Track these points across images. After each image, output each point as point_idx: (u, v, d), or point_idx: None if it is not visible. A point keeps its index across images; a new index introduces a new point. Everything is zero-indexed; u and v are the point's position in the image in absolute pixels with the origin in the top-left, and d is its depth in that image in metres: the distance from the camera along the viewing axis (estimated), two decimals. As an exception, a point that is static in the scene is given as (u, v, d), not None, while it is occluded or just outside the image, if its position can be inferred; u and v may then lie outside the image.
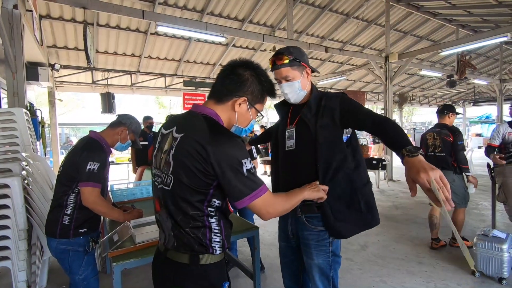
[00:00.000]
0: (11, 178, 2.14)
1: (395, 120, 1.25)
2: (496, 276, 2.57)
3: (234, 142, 0.93)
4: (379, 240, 3.55)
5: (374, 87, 13.83)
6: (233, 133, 0.99)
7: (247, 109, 1.05)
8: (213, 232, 0.98)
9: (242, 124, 1.07)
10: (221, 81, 1.04)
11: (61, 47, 6.80)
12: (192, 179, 0.92)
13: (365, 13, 8.08)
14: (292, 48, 1.40)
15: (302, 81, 1.40)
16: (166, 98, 21.19)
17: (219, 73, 1.06)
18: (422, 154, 1.01)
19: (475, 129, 21.26)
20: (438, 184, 0.92)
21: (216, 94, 1.05)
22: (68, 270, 1.71)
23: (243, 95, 1.02)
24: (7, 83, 2.97)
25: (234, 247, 3.03)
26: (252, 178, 0.93)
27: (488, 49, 11.51)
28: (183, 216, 0.97)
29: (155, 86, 9.30)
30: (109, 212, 1.74)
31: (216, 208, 0.98)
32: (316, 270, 1.41)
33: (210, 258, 0.98)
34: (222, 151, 0.90)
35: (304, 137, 1.42)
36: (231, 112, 1.04)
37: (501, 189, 3.20)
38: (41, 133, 3.81)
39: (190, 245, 0.97)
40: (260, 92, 1.06)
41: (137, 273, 2.83)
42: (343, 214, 1.36)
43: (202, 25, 4.95)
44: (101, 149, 1.73)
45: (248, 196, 0.92)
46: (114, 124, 1.89)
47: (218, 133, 0.94)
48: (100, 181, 1.67)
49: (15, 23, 2.91)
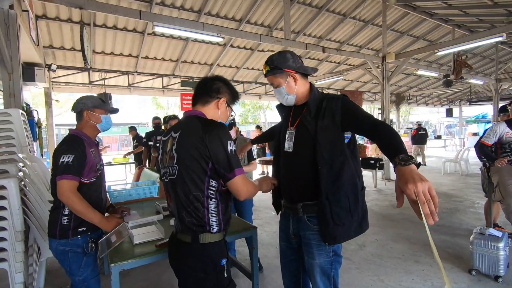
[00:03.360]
0: (7, 180, 2.13)
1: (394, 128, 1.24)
2: (492, 274, 2.59)
3: (221, 128, 1.20)
4: (376, 240, 3.56)
5: (371, 87, 13.88)
6: (218, 122, 1.27)
7: (226, 107, 1.36)
8: (211, 213, 1.18)
9: (223, 120, 1.36)
10: (204, 89, 1.34)
11: (57, 47, 6.76)
12: (193, 163, 1.16)
13: (362, 14, 8.11)
14: (276, 56, 1.45)
15: (286, 86, 1.44)
16: (164, 99, 21.11)
17: (199, 84, 1.36)
18: (416, 164, 1.00)
19: (472, 128, 21.40)
20: (425, 197, 0.90)
21: (201, 98, 1.33)
22: (68, 271, 1.70)
23: (223, 96, 1.34)
24: (3, 84, 2.95)
25: (232, 247, 3.04)
26: (235, 158, 1.18)
27: (484, 49, 11.59)
28: (186, 198, 1.18)
29: (152, 86, 9.27)
30: (85, 212, 1.58)
31: (215, 190, 1.19)
32: (318, 270, 1.41)
33: (209, 237, 1.19)
34: (213, 134, 1.16)
35: (303, 139, 1.42)
36: (215, 110, 1.33)
37: (498, 188, 3.21)
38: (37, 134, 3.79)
39: (191, 226, 1.19)
40: (232, 95, 1.38)
41: (136, 274, 2.82)
42: (342, 219, 1.34)
43: (200, 26, 4.95)
44: (77, 141, 1.65)
45: (234, 170, 1.15)
46: (77, 117, 1.78)
47: (208, 123, 1.22)
48: (78, 174, 1.59)
49: (11, 24, 2.89)
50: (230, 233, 1.84)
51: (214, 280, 1.17)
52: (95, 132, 1.80)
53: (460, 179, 7.62)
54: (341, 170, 1.34)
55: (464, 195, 5.73)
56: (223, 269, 1.18)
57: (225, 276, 1.18)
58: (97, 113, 1.77)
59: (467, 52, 10.14)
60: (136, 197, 2.77)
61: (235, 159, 1.18)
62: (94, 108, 1.76)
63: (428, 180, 0.93)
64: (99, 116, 1.78)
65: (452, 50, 7.60)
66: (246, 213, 2.96)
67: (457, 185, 6.90)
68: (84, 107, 1.75)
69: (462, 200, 5.40)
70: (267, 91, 11.35)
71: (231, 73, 9.73)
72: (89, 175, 1.68)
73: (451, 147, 16.97)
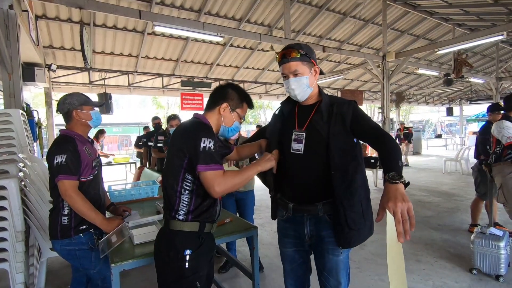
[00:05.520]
0: (8, 180, 2.13)
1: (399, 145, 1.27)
2: (493, 273, 2.59)
3: (201, 127, 1.28)
4: (377, 239, 3.54)
5: (372, 86, 13.86)
6: (203, 123, 1.32)
7: (230, 112, 1.40)
8: (182, 203, 1.27)
9: (227, 124, 1.42)
10: (212, 96, 1.43)
11: (57, 47, 6.76)
12: (174, 157, 1.28)
13: (362, 12, 8.10)
14: (303, 45, 1.41)
15: (310, 77, 1.39)
16: (164, 98, 21.14)
17: (212, 92, 1.44)
18: (405, 184, 1.07)
19: (472, 127, 21.36)
20: (402, 217, 0.96)
21: (208, 105, 1.43)
22: (81, 268, 1.72)
23: (226, 102, 1.39)
24: (3, 84, 2.95)
25: (233, 247, 3.04)
26: (208, 153, 1.21)
27: (485, 47, 11.57)
28: (166, 188, 1.32)
29: (152, 86, 9.26)
30: (87, 212, 1.59)
31: (190, 183, 1.26)
32: (342, 265, 1.41)
33: (179, 225, 1.26)
34: (192, 131, 1.27)
35: (314, 143, 1.37)
36: (218, 115, 1.40)
37: (501, 189, 3.08)
38: (38, 134, 3.79)
39: (165, 212, 1.33)
40: (239, 100, 1.42)
41: (136, 275, 2.82)
42: (357, 224, 1.34)
43: (200, 25, 4.94)
44: (68, 141, 1.64)
45: (202, 165, 1.19)
46: (66, 118, 1.73)
47: (192, 123, 1.33)
48: (75, 173, 1.59)
49: (11, 24, 2.89)
50: (230, 233, 1.85)
51: (174, 267, 1.24)
52: (86, 129, 1.78)
53: (460, 178, 7.61)
54: (354, 175, 1.33)
55: (465, 194, 5.72)
56: (184, 259, 1.22)
57: (186, 267, 1.22)
58: (86, 110, 1.73)
59: (468, 51, 10.12)
60: (137, 197, 2.76)
61: (208, 155, 1.20)
62: (81, 106, 1.72)
63: (410, 201, 1.00)
64: (88, 113, 1.74)
65: (453, 49, 7.57)
66: (247, 212, 2.96)
67: (458, 184, 6.89)
68: (71, 107, 1.70)
69: (463, 199, 5.39)
70: (267, 90, 11.34)
71: (231, 73, 9.73)
72: (86, 173, 1.68)
73: (452, 146, 16.95)
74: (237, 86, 1.44)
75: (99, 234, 1.71)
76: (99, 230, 1.71)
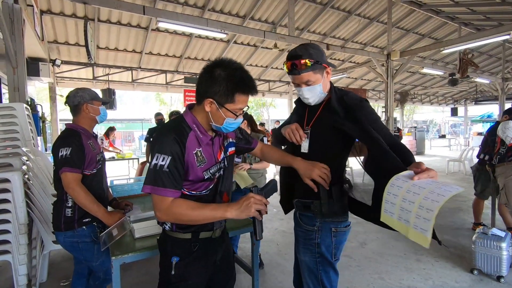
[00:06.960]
0: (11, 173, 2.15)
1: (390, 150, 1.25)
2: (494, 274, 2.58)
3: (161, 137, 1.06)
4: (378, 237, 3.56)
5: (376, 85, 13.79)
6: (169, 129, 1.08)
7: (217, 109, 1.07)
8: None
9: (217, 123, 1.10)
10: (199, 82, 1.09)
11: (62, 42, 6.79)
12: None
13: (367, 10, 8.04)
14: (311, 49, 1.25)
15: (323, 83, 1.30)
16: (167, 95, 21.16)
17: (199, 73, 1.11)
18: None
19: (477, 128, 21.18)
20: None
21: (196, 96, 1.13)
22: (83, 260, 1.74)
23: (211, 96, 1.06)
24: (8, 78, 2.97)
25: (236, 243, 3.05)
26: (156, 173, 1.02)
27: (491, 47, 11.44)
28: None
29: (156, 82, 9.29)
30: (90, 205, 1.60)
31: None
32: (305, 267, 1.40)
33: (168, 231, 1.18)
34: (153, 142, 1.08)
35: (320, 139, 1.34)
36: (206, 112, 1.10)
37: (503, 190, 3.08)
38: (41, 128, 3.83)
39: None
40: (229, 92, 1.05)
41: (138, 268, 2.84)
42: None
43: (203, 22, 4.94)
44: (74, 134, 1.66)
45: (146, 185, 1.04)
46: (74, 110, 1.75)
47: (160, 128, 1.16)
48: (79, 166, 1.61)
49: (16, 18, 2.91)
50: (230, 229, 1.85)
51: (163, 271, 1.20)
52: (93, 124, 1.81)
53: (463, 178, 7.56)
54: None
55: (467, 195, 5.68)
56: (170, 266, 1.15)
57: (172, 274, 1.15)
58: (95, 105, 1.77)
59: (474, 51, 10.01)
60: (139, 192, 2.78)
61: (152, 174, 1.03)
62: (92, 100, 1.75)
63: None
64: (98, 108, 1.78)
65: (458, 48, 7.52)
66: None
67: (460, 184, 6.85)
68: (82, 100, 1.72)
69: (465, 199, 5.36)
70: (271, 88, 11.32)
71: (235, 70, 9.72)
72: (90, 167, 1.70)
73: (456, 146, 16.83)
74: (228, 66, 1.07)
75: (102, 227, 1.73)
76: (102, 223, 1.73)
